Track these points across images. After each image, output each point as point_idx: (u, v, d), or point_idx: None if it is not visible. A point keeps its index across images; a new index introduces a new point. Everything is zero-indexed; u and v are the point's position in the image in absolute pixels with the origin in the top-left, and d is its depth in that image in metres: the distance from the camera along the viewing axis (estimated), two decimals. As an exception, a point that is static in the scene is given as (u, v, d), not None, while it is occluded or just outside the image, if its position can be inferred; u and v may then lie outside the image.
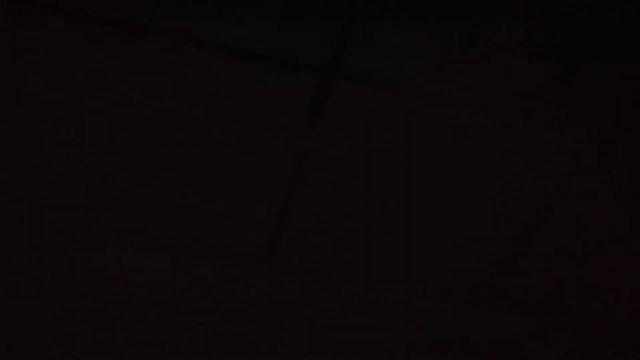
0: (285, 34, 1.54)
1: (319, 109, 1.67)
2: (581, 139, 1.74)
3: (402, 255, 1.97)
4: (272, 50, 1.58)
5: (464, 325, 2.04)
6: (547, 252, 1.96)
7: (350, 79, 1.63)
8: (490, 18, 1.52)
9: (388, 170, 1.80)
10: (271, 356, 1.98)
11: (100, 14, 1.52)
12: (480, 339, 2.06)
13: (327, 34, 1.54)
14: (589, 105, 1.68)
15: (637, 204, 1.87)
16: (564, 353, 2.04)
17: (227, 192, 1.88)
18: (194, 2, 1.50)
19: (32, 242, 1.97)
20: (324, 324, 2.03)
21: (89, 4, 1.51)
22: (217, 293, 2.01)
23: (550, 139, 1.74)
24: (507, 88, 1.64)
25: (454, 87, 1.65)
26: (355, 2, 1.48)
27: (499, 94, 1.66)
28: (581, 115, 1.69)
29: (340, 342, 2.01)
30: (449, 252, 1.96)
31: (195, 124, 1.73)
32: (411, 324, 2.04)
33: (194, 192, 1.90)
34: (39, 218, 1.97)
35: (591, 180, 1.82)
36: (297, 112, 1.69)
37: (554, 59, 1.60)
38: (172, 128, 1.74)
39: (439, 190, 1.83)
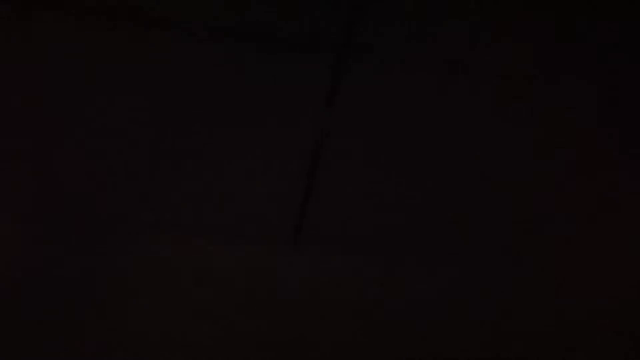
0: (298, 13, 1.53)
1: (336, 87, 1.66)
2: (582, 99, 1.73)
3: (425, 230, 1.98)
4: (287, 31, 1.57)
5: (485, 294, 2.03)
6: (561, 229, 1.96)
7: (366, 55, 1.61)
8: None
9: (408, 146, 1.79)
10: (300, 334, 2.01)
11: (106, 5, 1.53)
12: (499, 304, 2.05)
13: (341, 11, 1.53)
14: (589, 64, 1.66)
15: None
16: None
17: (250, 175, 1.89)
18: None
19: (68, 234, 2.03)
20: (351, 300, 2.04)
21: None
22: (247, 274, 2.03)
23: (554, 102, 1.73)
24: (520, 53, 1.62)
25: (467, 59, 1.64)
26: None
27: (511, 60, 1.64)
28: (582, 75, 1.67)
29: (368, 317, 2.03)
30: (467, 223, 1.96)
31: (214, 109, 1.73)
32: (436, 297, 2.05)
33: (217, 178, 1.91)
34: (72, 210, 2.01)
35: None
36: (315, 91, 1.68)
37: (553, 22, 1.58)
38: (193, 115, 1.75)
39: (458, 167, 1.84)
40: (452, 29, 1.57)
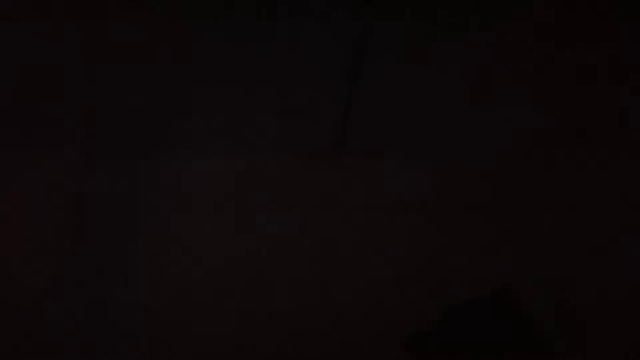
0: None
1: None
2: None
3: (467, 136, 2.04)
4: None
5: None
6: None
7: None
8: None
9: (447, 52, 1.93)
10: (343, 241, 2.02)
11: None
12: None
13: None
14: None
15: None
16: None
17: (292, 86, 1.99)
18: None
19: (114, 159, 2.09)
20: (392, 205, 2.06)
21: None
22: (291, 183, 2.07)
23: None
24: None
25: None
26: None
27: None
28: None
29: (410, 220, 2.05)
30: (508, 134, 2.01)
31: (249, 27, 1.95)
32: (480, 202, 2.08)
33: (259, 93, 2.02)
34: (116, 137, 2.10)
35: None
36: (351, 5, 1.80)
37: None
38: (233, 27, 1.93)
39: (492, 76, 1.99)
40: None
